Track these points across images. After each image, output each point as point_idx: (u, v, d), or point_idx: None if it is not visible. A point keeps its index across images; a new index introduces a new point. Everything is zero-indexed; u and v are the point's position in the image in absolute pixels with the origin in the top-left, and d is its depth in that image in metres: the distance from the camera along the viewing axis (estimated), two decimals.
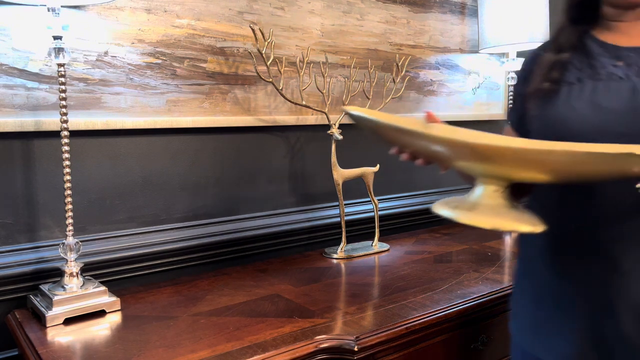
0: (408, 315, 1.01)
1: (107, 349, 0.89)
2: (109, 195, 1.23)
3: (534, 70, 0.87)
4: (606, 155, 0.59)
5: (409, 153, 0.75)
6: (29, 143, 1.12)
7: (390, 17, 1.66)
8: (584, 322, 0.80)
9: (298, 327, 0.96)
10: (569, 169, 0.64)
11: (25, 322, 1.01)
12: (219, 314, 1.03)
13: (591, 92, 0.79)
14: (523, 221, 0.68)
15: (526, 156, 0.62)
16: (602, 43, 0.83)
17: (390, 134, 0.72)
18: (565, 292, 0.82)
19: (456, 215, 0.68)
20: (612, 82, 0.78)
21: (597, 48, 0.83)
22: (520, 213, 0.70)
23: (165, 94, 1.27)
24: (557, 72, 0.83)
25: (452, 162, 0.71)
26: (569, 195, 0.81)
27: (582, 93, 0.79)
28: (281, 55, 1.41)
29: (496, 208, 0.70)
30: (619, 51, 0.81)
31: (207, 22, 1.32)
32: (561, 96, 0.81)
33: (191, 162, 1.34)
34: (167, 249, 1.29)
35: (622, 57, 0.80)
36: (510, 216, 0.69)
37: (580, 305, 0.80)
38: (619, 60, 0.80)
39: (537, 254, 0.87)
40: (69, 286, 1.04)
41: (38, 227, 1.14)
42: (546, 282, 0.85)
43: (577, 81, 0.81)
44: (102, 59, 1.18)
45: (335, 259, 1.42)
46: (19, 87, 1.09)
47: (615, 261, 0.77)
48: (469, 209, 0.70)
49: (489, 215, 0.68)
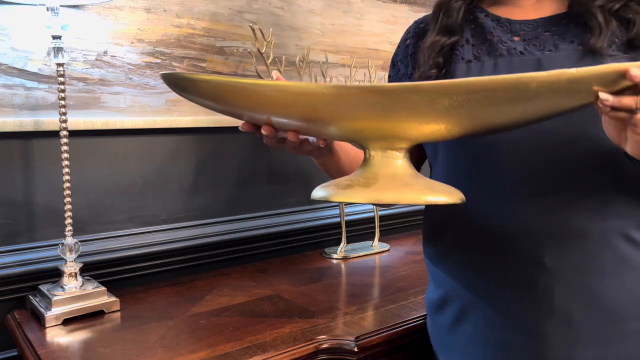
0: (408, 316, 1.01)
1: (106, 349, 0.89)
2: (108, 195, 1.22)
3: (419, 53, 0.79)
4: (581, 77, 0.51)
5: (268, 127, 0.63)
6: (28, 143, 1.12)
7: (390, 17, 1.65)
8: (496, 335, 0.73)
9: (298, 328, 0.96)
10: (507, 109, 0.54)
11: (25, 323, 1.00)
12: (218, 314, 1.03)
13: (492, 69, 0.72)
14: (437, 191, 0.57)
15: (455, 90, 0.52)
16: (494, 17, 0.77)
17: (237, 98, 0.60)
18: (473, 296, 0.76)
19: (350, 195, 0.57)
20: (513, 58, 0.72)
21: (490, 22, 0.76)
22: (430, 182, 0.60)
23: (164, 94, 1.27)
24: (448, 53, 0.75)
25: (329, 124, 0.59)
26: (474, 177, 0.72)
27: (482, 71, 0.73)
28: (281, 54, 1.40)
29: (400, 178, 0.58)
30: (513, 25, 0.75)
31: (207, 22, 1.31)
32: (458, 75, 0.74)
33: (191, 161, 1.34)
34: (166, 249, 1.28)
35: (517, 31, 0.74)
36: (419, 186, 0.58)
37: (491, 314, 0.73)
38: (514, 35, 0.74)
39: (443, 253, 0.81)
40: (68, 286, 1.03)
41: (37, 227, 1.14)
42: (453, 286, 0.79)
43: (474, 59, 0.74)
44: (101, 58, 1.18)
45: (335, 259, 1.41)
46: (18, 87, 1.09)
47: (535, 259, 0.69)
48: (366, 184, 0.58)
49: (394, 188, 0.57)
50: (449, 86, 0.52)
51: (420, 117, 0.55)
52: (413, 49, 0.83)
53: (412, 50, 0.83)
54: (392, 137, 0.59)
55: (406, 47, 0.85)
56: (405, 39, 0.87)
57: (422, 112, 0.54)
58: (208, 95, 0.62)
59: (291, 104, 0.57)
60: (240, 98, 0.59)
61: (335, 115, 0.57)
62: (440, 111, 0.54)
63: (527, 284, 0.70)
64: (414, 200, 0.56)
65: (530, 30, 0.74)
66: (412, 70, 0.82)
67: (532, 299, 0.70)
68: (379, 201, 0.57)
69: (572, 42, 0.71)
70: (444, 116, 0.55)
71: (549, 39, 0.72)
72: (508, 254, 0.72)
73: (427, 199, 0.56)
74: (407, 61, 0.84)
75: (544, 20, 0.74)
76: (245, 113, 0.64)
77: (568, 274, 0.69)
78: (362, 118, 0.56)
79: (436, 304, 0.85)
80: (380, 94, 0.54)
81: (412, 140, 0.59)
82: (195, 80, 0.61)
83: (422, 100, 0.53)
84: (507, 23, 0.75)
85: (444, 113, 0.54)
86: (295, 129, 0.64)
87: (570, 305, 0.69)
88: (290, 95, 0.56)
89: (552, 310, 0.69)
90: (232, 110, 0.64)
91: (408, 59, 0.84)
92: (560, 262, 0.69)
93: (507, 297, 0.72)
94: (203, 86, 0.61)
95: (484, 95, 0.52)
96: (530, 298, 0.70)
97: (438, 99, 0.53)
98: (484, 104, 0.53)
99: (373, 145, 0.60)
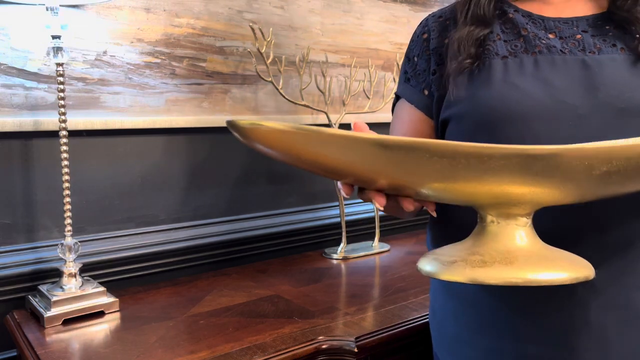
0: (409, 316, 1.01)
1: (106, 350, 0.89)
2: (107, 196, 1.22)
3: (445, 47, 0.75)
4: None
5: (374, 191, 0.51)
6: (27, 143, 1.12)
7: (390, 16, 1.65)
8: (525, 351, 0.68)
9: (298, 328, 0.96)
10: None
11: (24, 323, 1.00)
12: (218, 314, 1.03)
13: (533, 66, 0.67)
14: (575, 264, 0.48)
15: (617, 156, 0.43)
16: (525, 12, 0.72)
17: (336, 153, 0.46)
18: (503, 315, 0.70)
19: (489, 274, 0.47)
20: (555, 56, 0.67)
21: (521, 18, 0.72)
22: (559, 253, 0.51)
23: (164, 94, 1.27)
24: (480, 46, 0.70)
25: (459, 191, 0.48)
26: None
27: (522, 68, 0.67)
28: (281, 54, 1.40)
29: (535, 252, 0.49)
30: (547, 22, 0.71)
31: (207, 21, 1.31)
32: (495, 71, 0.68)
33: (190, 162, 1.34)
34: (166, 249, 1.28)
35: (551, 28, 0.70)
36: (555, 260, 0.48)
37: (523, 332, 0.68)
38: (549, 33, 0.70)
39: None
40: (68, 287, 1.03)
41: (36, 227, 1.14)
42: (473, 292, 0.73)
43: (510, 55, 0.69)
44: (101, 58, 1.18)
45: (335, 259, 1.41)
46: (18, 87, 1.09)
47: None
48: (504, 261, 0.48)
49: (530, 265, 0.47)
50: (613, 150, 0.44)
51: (570, 183, 0.46)
52: (436, 42, 0.77)
53: (435, 44, 0.77)
54: (519, 203, 0.49)
55: (424, 40, 0.79)
56: (421, 32, 0.81)
57: (576, 176, 0.45)
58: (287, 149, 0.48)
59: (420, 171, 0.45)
60: (349, 156, 0.46)
61: (471, 180, 0.46)
62: (592, 177, 0.45)
63: (562, 294, 0.66)
64: (561, 280, 0.47)
65: (565, 28, 0.70)
66: (436, 66, 0.76)
67: (566, 311, 0.66)
68: (528, 282, 0.46)
69: (614, 45, 0.67)
70: (594, 182, 0.46)
71: (588, 40, 0.68)
72: None
73: (575, 276, 0.47)
74: (427, 55, 0.78)
75: (580, 20, 0.71)
76: (349, 174, 0.50)
77: (606, 287, 0.65)
78: (505, 183, 0.46)
79: (444, 310, 0.80)
80: (536, 158, 0.43)
81: (538, 206, 0.51)
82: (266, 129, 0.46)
83: (580, 165, 0.44)
84: (540, 19, 0.71)
85: (595, 179, 0.46)
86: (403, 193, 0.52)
87: (605, 320, 0.65)
88: (421, 159, 0.43)
89: (587, 324, 0.65)
90: (329, 169, 0.49)
91: (429, 53, 0.78)
92: (598, 274, 0.62)
93: (539, 308, 0.68)
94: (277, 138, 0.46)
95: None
96: (564, 310, 0.66)
97: (598, 165, 0.44)
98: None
99: (493, 212, 0.51)
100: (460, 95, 0.70)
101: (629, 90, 0.64)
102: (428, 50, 0.78)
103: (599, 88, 0.64)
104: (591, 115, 0.63)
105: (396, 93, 0.84)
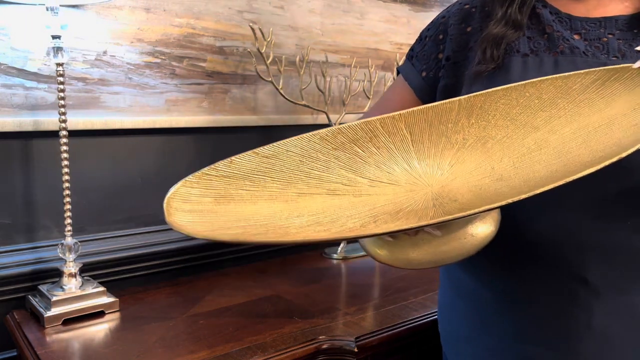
0: (409, 316, 1.01)
1: (106, 350, 0.89)
2: (108, 195, 1.22)
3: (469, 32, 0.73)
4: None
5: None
6: (27, 143, 1.12)
7: (390, 16, 1.65)
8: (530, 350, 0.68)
9: (298, 328, 0.96)
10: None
11: (24, 323, 1.00)
12: (218, 314, 1.03)
13: (553, 67, 0.66)
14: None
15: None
16: (553, 9, 0.70)
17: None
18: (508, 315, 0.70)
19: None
20: (576, 58, 0.65)
21: (549, 14, 0.69)
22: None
23: (164, 94, 1.26)
24: (504, 47, 0.69)
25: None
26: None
27: (542, 67, 0.66)
28: (281, 54, 1.40)
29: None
30: (573, 22, 0.68)
31: (207, 21, 1.31)
32: (514, 69, 0.67)
33: (190, 161, 1.34)
34: (166, 249, 1.28)
35: (577, 29, 0.68)
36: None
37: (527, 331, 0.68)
38: (574, 33, 0.68)
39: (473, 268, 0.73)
40: (68, 287, 1.03)
41: (36, 227, 1.14)
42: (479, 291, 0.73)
43: (531, 53, 0.68)
44: (101, 58, 1.18)
45: (335, 259, 1.41)
46: (18, 87, 1.09)
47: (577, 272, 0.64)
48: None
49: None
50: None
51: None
52: (455, 30, 0.75)
53: (454, 32, 0.75)
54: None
55: (441, 24, 0.77)
56: (442, 15, 0.79)
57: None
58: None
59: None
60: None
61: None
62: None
63: (566, 298, 0.66)
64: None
65: (592, 29, 0.67)
66: (450, 52, 0.74)
67: (569, 315, 0.65)
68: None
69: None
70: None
71: (613, 43, 0.66)
72: (550, 264, 0.66)
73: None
74: (442, 41, 0.76)
75: (608, 21, 0.68)
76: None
77: (609, 291, 0.64)
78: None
79: (451, 309, 0.80)
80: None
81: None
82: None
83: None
84: (567, 18, 0.69)
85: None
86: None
87: (608, 325, 0.64)
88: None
89: (589, 328, 0.64)
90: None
91: (446, 39, 0.76)
92: (602, 278, 0.64)
93: (543, 310, 0.67)
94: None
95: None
96: (566, 314, 0.66)
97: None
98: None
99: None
100: (476, 90, 0.68)
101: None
102: (442, 35, 0.76)
103: None
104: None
105: (397, 68, 0.85)
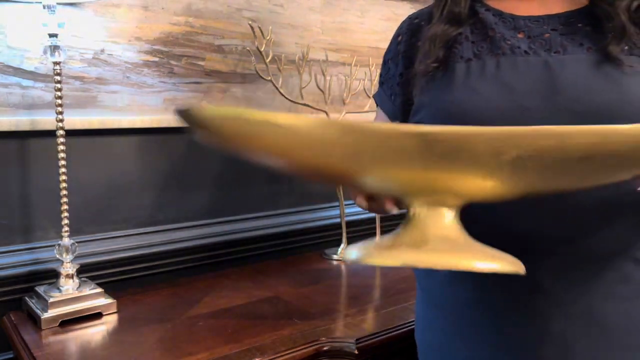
0: (410, 318, 1.00)
1: (103, 352, 0.88)
2: (105, 196, 1.21)
3: (415, 49, 0.73)
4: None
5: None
6: (24, 142, 1.11)
7: (391, 14, 1.64)
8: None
9: (298, 330, 0.95)
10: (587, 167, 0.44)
11: (21, 324, 0.99)
12: (217, 316, 1.02)
13: (495, 69, 0.65)
14: (497, 258, 0.47)
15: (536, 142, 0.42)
16: (496, 11, 0.70)
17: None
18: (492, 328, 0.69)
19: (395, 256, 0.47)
20: (517, 58, 0.65)
21: (491, 17, 0.69)
22: (484, 247, 0.49)
23: (162, 93, 1.26)
24: (449, 48, 0.68)
25: (366, 174, 0.48)
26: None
27: (484, 71, 0.65)
28: (280, 53, 1.39)
29: (452, 240, 0.49)
30: (517, 21, 0.68)
31: (205, 20, 1.30)
32: (457, 75, 0.66)
33: (189, 162, 1.33)
34: (164, 250, 1.27)
35: (521, 28, 0.67)
36: (476, 251, 0.48)
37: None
38: (518, 32, 0.67)
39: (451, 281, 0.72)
40: (65, 288, 1.02)
41: (33, 228, 1.13)
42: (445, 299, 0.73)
43: (475, 57, 0.67)
44: (98, 57, 1.17)
45: (335, 260, 1.40)
46: (14, 86, 1.08)
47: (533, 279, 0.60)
48: (413, 245, 0.48)
49: (447, 251, 0.47)
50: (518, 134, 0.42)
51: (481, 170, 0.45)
52: (405, 46, 0.76)
53: (404, 48, 0.76)
54: (442, 192, 0.48)
55: (398, 44, 0.78)
56: (397, 35, 0.80)
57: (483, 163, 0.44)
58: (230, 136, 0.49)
59: (332, 143, 0.45)
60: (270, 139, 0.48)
61: (376, 162, 0.46)
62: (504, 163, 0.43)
63: (524, 305, 0.66)
64: (471, 267, 0.46)
65: (535, 27, 0.67)
66: (403, 69, 0.75)
67: (530, 320, 0.65)
68: (432, 265, 0.46)
69: (582, 44, 0.64)
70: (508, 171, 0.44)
71: (555, 39, 0.65)
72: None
73: (489, 266, 0.46)
74: (397, 59, 0.77)
75: (551, 18, 0.68)
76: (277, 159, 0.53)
77: (567, 296, 0.63)
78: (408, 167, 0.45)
79: (426, 322, 0.80)
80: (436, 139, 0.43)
81: (464, 198, 0.49)
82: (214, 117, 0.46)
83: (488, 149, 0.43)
84: (510, 18, 0.69)
85: (509, 166, 0.44)
86: (323, 176, 0.55)
87: (567, 329, 0.64)
88: (331, 135, 0.44)
89: (549, 334, 0.64)
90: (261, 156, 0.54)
91: (399, 57, 0.77)
92: (559, 284, 0.64)
93: (510, 317, 0.67)
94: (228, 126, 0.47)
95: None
96: (528, 319, 0.66)
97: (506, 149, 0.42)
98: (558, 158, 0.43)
99: (419, 201, 0.49)
100: (424, 102, 0.69)
101: (587, 93, 0.61)
102: (399, 54, 0.77)
103: (559, 91, 0.61)
104: (551, 120, 0.58)
105: (372, 96, 0.85)
